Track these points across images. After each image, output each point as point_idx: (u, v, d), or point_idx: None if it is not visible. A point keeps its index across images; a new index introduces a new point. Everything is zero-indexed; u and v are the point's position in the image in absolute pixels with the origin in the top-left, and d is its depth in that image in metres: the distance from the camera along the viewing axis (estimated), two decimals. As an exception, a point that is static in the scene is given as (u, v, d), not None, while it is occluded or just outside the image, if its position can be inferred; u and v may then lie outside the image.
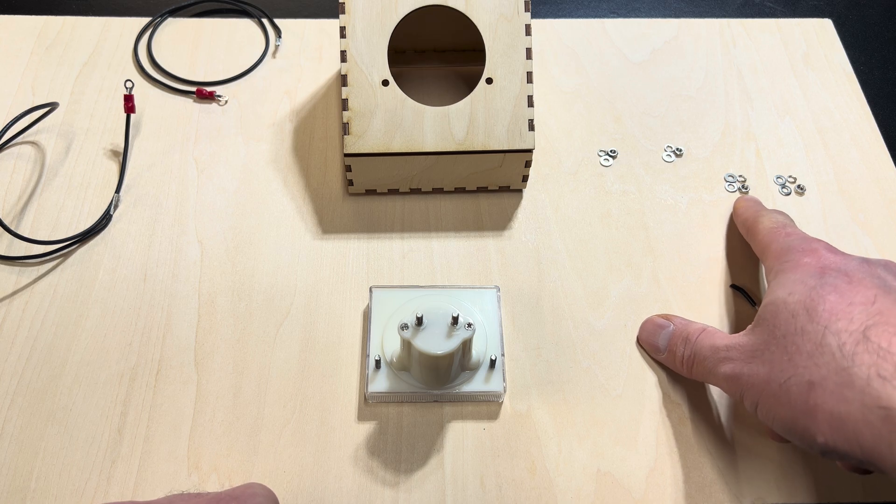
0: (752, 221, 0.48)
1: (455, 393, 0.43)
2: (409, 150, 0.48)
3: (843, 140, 0.57)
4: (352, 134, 0.48)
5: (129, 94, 0.53)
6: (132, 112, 0.53)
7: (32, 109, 0.53)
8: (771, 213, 0.48)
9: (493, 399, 0.44)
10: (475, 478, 0.42)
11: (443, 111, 0.48)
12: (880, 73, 0.63)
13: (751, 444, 0.43)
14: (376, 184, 0.51)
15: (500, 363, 0.44)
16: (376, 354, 0.43)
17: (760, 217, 0.47)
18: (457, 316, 0.39)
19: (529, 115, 0.48)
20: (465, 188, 0.53)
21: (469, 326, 0.39)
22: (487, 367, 0.43)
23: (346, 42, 0.48)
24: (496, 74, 0.48)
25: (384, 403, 0.44)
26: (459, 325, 0.39)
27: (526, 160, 0.50)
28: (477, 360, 0.43)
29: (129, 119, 0.53)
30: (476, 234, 0.51)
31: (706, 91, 0.60)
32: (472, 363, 0.43)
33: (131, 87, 0.53)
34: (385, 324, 0.45)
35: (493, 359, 0.43)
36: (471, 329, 0.39)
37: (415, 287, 0.47)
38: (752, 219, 0.48)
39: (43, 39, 0.61)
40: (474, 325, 0.40)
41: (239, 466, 0.41)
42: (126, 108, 0.53)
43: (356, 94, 0.48)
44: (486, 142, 0.48)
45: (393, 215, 0.52)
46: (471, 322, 0.40)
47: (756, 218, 0.48)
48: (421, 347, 0.39)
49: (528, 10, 0.49)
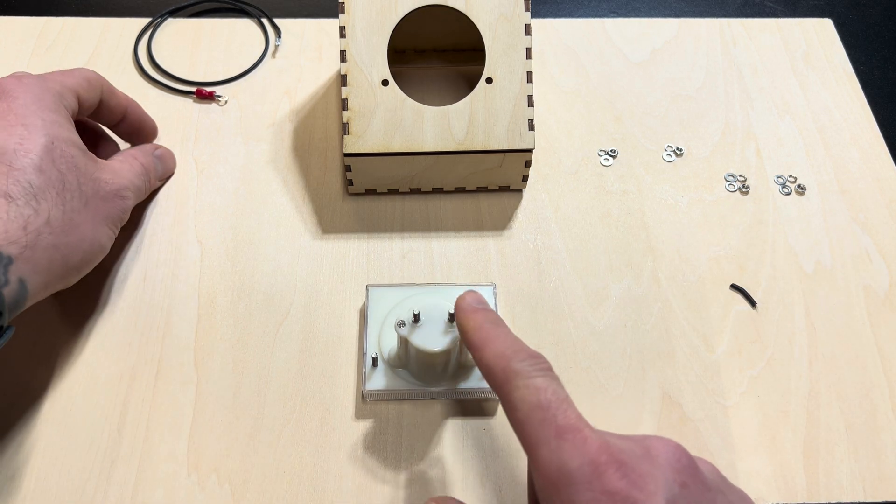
0: (491, 357, 0.33)
1: (452, 390, 0.43)
2: (408, 150, 0.48)
3: (843, 140, 0.57)
4: (351, 134, 0.48)
5: None
6: None
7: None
8: (517, 349, 0.32)
9: (490, 396, 0.44)
10: (475, 477, 0.42)
11: (443, 111, 0.48)
12: (881, 73, 0.62)
13: (751, 445, 0.43)
14: (376, 184, 0.51)
15: None
16: (373, 352, 0.43)
17: (508, 361, 0.32)
18: (453, 313, 0.39)
19: (529, 114, 0.48)
20: (465, 188, 0.53)
21: None
22: None
23: (346, 42, 0.48)
24: (496, 74, 0.48)
25: (384, 402, 0.44)
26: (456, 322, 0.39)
27: (526, 160, 0.50)
28: None
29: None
30: (476, 234, 0.51)
31: (706, 91, 0.60)
32: (469, 360, 0.43)
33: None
34: (382, 321, 0.45)
35: None
36: None
37: (411, 285, 0.47)
38: (483, 348, 0.34)
39: (43, 40, 0.61)
40: None
41: (239, 466, 0.41)
42: None
43: (356, 94, 0.48)
44: (486, 141, 0.48)
45: (393, 215, 0.52)
46: None
47: (494, 351, 0.33)
48: (418, 344, 0.39)
49: (528, 10, 0.49)
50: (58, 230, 0.39)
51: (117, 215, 0.44)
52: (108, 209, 0.43)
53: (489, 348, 0.33)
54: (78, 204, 0.40)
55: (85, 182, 0.41)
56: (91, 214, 0.41)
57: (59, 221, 0.39)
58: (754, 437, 0.43)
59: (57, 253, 0.39)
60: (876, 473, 0.42)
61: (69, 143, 0.41)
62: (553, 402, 0.30)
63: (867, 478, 0.42)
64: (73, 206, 0.40)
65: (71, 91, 0.44)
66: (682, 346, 0.47)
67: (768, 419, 0.44)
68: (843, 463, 0.43)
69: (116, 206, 0.44)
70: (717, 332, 0.47)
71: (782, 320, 0.48)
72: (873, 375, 0.46)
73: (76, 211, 0.40)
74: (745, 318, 0.48)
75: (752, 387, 0.45)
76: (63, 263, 0.39)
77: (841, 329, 0.48)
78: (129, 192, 0.45)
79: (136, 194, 0.46)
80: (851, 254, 0.51)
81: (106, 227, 0.43)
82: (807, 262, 0.50)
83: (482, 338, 0.34)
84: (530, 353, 0.32)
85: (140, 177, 0.47)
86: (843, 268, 0.50)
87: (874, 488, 0.42)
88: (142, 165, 0.48)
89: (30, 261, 0.37)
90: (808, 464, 0.43)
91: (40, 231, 0.38)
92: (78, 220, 0.40)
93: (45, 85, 0.42)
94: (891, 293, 0.49)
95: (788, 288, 0.49)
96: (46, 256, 0.38)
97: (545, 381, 0.31)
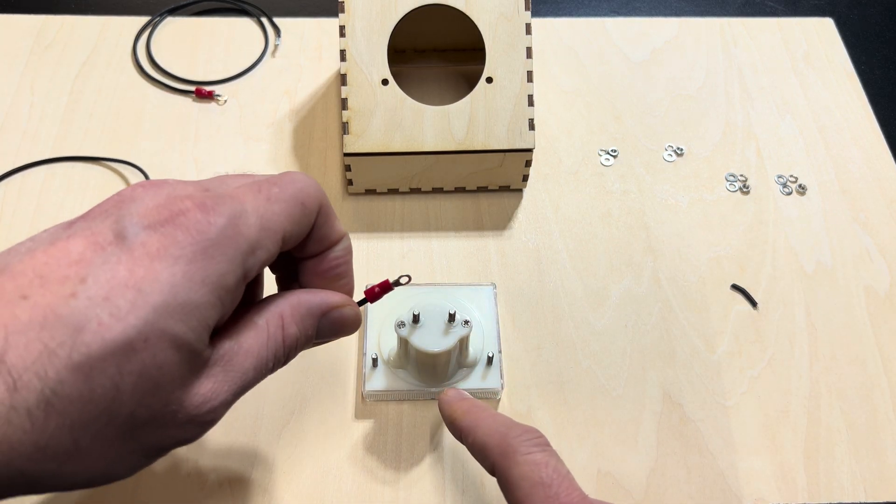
0: (484, 435, 0.32)
1: None
2: (408, 150, 0.48)
3: (844, 139, 0.57)
4: (351, 133, 0.48)
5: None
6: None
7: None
8: (511, 424, 0.32)
9: (490, 396, 0.44)
10: (475, 477, 0.41)
11: (442, 110, 0.48)
12: (881, 73, 0.62)
13: (751, 445, 0.43)
14: (376, 183, 0.51)
15: (497, 360, 0.43)
16: (373, 353, 0.43)
17: (502, 436, 0.32)
18: (453, 313, 0.39)
19: (530, 114, 0.48)
20: (465, 188, 0.52)
21: (466, 324, 0.40)
22: (485, 364, 0.43)
23: (346, 41, 0.48)
24: (496, 74, 0.48)
25: (384, 403, 0.44)
26: (456, 322, 0.39)
27: (526, 160, 0.50)
28: (474, 358, 0.43)
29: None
30: (476, 234, 0.51)
31: (707, 90, 0.60)
32: (470, 360, 0.43)
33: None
34: (382, 321, 0.45)
35: (491, 356, 0.43)
36: (468, 326, 0.39)
37: (412, 285, 0.46)
38: (475, 428, 0.33)
39: (42, 39, 0.61)
40: (471, 322, 0.40)
41: (239, 466, 0.41)
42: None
43: (356, 94, 0.48)
44: (486, 141, 0.48)
45: (393, 215, 0.52)
46: (468, 319, 0.40)
47: (486, 429, 0.33)
48: (418, 345, 0.39)
49: (528, 9, 0.48)
50: (47, 456, 0.23)
51: (167, 447, 0.27)
52: (159, 440, 0.26)
53: (481, 427, 0.32)
54: (111, 432, 0.24)
55: (147, 408, 0.24)
56: (120, 446, 0.25)
57: (57, 447, 0.23)
58: (755, 437, 0.43)
59: (22, 479, 0.23)
60: (877, 474, 0.42)
61: (171, 346, 0.24)
62: (555, 480, 0.29)
63: (868, 478, 0.42)
64: (93, 434, 0.24)
65: (273, 236, 0.27)
66: (683, 347, 0.47)
67: (769, 419, 0.44)
68: (843, 463, 0.43)
69: (177, 437, 0.26)
70: (717, 332, 0.47)
71: (783, 320, 0.48)
72: (874, 375, 0.46)
73: (96, 439, 0.24)
74: (746, 319, 0.48)
75: (752, 387, 0.45)
76: (27, 488, 0.24)
77: (841, 329, 0.48)
78: (222, 411, 0.27)
79: (234, 399, 0.28)
80: (852, 254, 0.51)
81: (135, 458, 0.26)
82: (807, 262, 0.50)
83: (473, 419, 0.33)
84: (525, 428, 0.32)
85: (261, 367, 0.29)
86: (844, 268, 0.50)
87: (875, 489, 0.42)
88: (281, 342, 0.29)
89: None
90: (808, 464, 0.43)
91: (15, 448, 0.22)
92: (90, 448, 0.24)
93: (238, 229, 0.26)
94: (891, 293, 0.49)
95: (789, 288, 0.49)
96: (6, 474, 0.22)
97: (544, 457, 0.30)
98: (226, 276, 0.25)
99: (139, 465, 0.26)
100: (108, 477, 0.26)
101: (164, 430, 0.25)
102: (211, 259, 0.25)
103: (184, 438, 0.27)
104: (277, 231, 0.27)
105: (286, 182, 0.28)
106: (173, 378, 0.24)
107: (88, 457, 0.24)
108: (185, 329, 0.24)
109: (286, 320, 0.29)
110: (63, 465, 0.24)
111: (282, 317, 0.29)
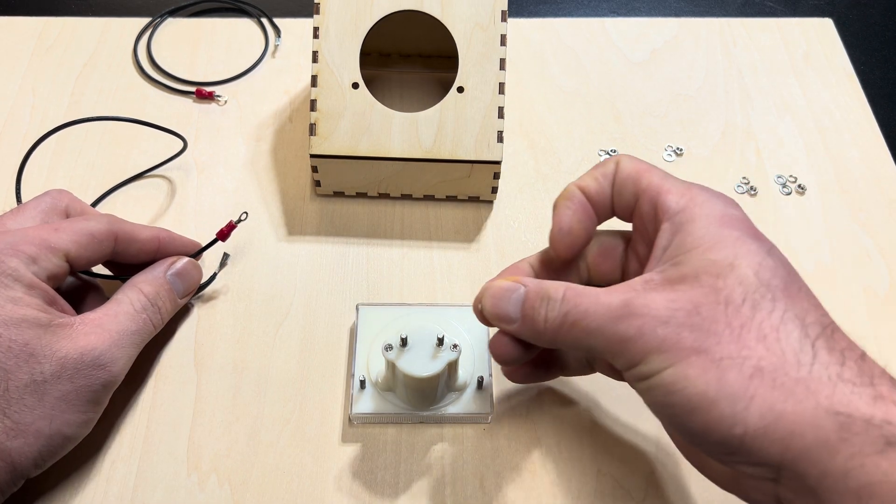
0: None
1: (441, 415, 0.42)
2: (375, 155, 0.47)
3: (843, 140, 0.57)
4: (318, 135, 0.47)
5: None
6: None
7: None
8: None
9: (480, 420, 0.43)
10: (475, 478, 0.41)
11: (411, 117, 0.47)
12: (881, 73, 0.62)
13: (751, 444, 0.43)
14: (343, 186, 0.51)
15: (487, 383, 0.43)
16: (361, 374, 0.43)
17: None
18: (442, 337, 0.39)
19: (499, 126, 0.47)
20: (434, 196, 0.52)
21: (455, 347, 0.39)
22: (475, 387, 0.43)
23: (319, 43, 0.48)
24: (468, 84, 0.48)
25: (371, 425, 0.43)
26: (445, 346, 0.39)
27: (494, 172, 0.49)
28: (464, 381, 0.42)
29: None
30: (476, 237, 0.51)
31: (706, 90, 0.60)
32: (459, 384, 0.42)
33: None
34: (370, 343, 0.44)
35: (481, 379, 0.43)
36: (456, 350, 0.39)
37: (403, 305, 0.46)
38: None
39: (43, 41, 0.61)
40: (460, 346, 0.39)
41: (238, 466, 0.41)
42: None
43: (325, 96, 0.47)
44: (453, 151, 0.47)
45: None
46: (456, 343, 0.39)
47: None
48: (405, 369, 0.38)
49: (504, 21, 0.48)
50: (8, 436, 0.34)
51: (92, 393, 0.37)
52: (76, 390, 0.36)
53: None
54: (31, 400, 0.34)
55: (41, 366, 0.35)
56: (49, 406, 0.35)
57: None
58: (754, 437, 0.43)
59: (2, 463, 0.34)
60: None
61: (17, 325, 0.34)
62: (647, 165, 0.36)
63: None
64: (19, 407, 0.34)
65: (55, 252, 0.37)
66: (682, 346, 0.47)
67: (768, 419, 0.44)
68: (843, 463, 0.43)
69: (90, 381, 0.36)
70: (717, 332, 0.47)
71: (782, 320, 0.48)
72: (873, 375, 0.46)
73: (26, 410, 0.34)
74: (746, 318, 0.48)
75: (752, 387, 0.45)
76: (10, 470, 0.34)
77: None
78: (114, 353, 0.37)
79: (131, 345, 0.39)
80: (851, 254, 0.51)
81: (74, 413, 0.36)
82: (807, 262, 0.50)
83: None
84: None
85: (136, 318, 0.40)
86: (844, 268, 0.50)
87: (874, 488, 0.42)
88: (145, 299, 0.41)
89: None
90: (808, 464, 0.43)
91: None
92: (29, 419, 0.34)
93: (17, 247, 0.36)
94: (891, 293, 0.49)
95: (788, 288, 0.49)
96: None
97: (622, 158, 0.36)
98: (18, 271, 0.36)
99: (83, 416, 0.37)
100: (53, 440, 0.35)
101: (73, 381, 0.35)
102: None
103: (100, 380, 0.37)
104: (61, 248, 0.37)
105: (78, 221, 0.40)
106: (42, 342, 0.35)
107: (27, 426, 0.34)
108: (16, 310, 0.35)
109: (140, 286, 0.41)
110: (5, 442, 0.33)
111: (135, 285, 0.41)
